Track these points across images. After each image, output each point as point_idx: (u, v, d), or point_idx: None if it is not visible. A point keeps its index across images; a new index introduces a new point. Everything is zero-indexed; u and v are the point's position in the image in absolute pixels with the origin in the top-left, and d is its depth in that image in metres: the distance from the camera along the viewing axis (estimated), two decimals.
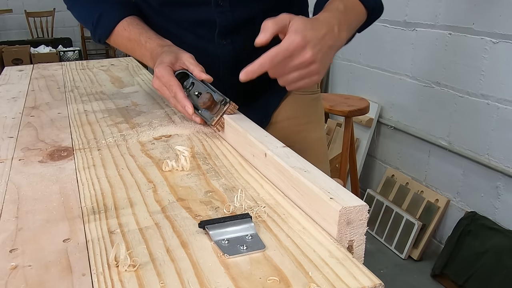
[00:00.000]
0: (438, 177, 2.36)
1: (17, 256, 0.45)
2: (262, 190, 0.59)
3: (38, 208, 0.55)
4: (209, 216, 0.52)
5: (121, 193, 0.58)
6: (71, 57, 5.96)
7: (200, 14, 0.92)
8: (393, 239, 2.45)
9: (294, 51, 0.71)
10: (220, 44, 0.94)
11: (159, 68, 0.83)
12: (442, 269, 2.17)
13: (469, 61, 2.09)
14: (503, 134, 1.99)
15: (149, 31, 0.95)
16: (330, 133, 2.93)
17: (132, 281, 0.41)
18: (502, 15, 1.91)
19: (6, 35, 6.57)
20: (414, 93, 2.45)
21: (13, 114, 0.94)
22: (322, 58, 0.74)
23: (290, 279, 0.41)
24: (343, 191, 0.50)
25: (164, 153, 0.72)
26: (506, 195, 2.01)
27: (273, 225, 0.50)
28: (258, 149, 0.64)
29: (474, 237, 2.07)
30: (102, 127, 0.85)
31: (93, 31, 0.99)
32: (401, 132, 2.58)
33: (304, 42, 0.71)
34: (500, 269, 1.92)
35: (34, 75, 1.33)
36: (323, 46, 0.73)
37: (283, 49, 0.71)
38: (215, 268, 0.43)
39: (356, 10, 0.85)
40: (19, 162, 0.69)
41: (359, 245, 0.48)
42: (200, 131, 0.82)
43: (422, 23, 2.32)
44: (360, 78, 2.86)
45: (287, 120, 1.04)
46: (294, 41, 0.71)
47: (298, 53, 0.72)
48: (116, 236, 0.48)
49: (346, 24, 0.79)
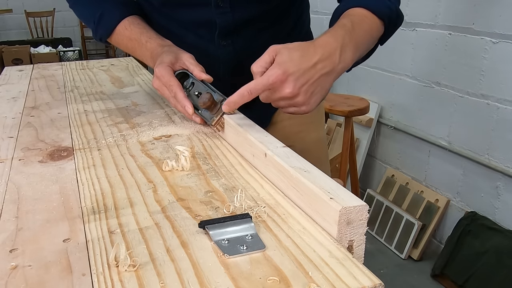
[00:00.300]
0: (438, 177, 2.36)
1: (17, 256, 0.45)
2: (262, 190, 0.59)
3: (38, 208, 0.55)
4: (209, 216, 0.52)
5: (121, 193, 0.58)
6: (71, 57, 5.96)
7: (201, 14, 0.92)
8: (393, 239, 2.45)
9: (273, 85, 0.70)
10: (220, 45, 0.94)
11: (159, 68, 0.83)
12: (442, 269, 2.17)
13: (469, 61, 2.09)
14: (503, 134, 1.99)
15: (150, 31, 0.95)
16: (330, 133, 2.93)
17: (132, 281, 0.41)
18: (502, 15, 1.91)
19: (6, 35, 6.57)
20: (414, 93, 2.45)
21: (13, 114, 0.94)
22: (308, 89, 0.71)
23: (290, 279, 0.41)
24: (343, 191, 0.50)
25: (164, 153, 0.72)
26: (506, 195, 2.01)
27: (273, 225, 0.50)
28: (258, 149, 0.64)
29: (474, 237, 2.07)
30: (102, 127, 0.85)
31: (94, 30, 0.99)
32: (401, 132, 2.58)
33: (284, 76, 0.69)
34: (500, 269, 1.92)
35: (34, 75, 1.33)
36: (312, 76, 0.71)
37: (262, 83, 0.70)
38: (215, 268, 0.43)
39: (367, 24, 0.79)
40: (19, 162, 0.69)
41: (359, 245, 0.48)
42: (200, 131, 0.82)
43: (422, 23, 2.32)
44: (360, 78, 2.86)
45: (287, 120, 1.04)
46: (273, 75, 0.69)
47: (278, 87, 0.70)
48: (116, 236, 0.48)
49: (353, 43, 0.75)
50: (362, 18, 0.79)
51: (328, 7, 2.95)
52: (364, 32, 0.79)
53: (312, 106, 0.74)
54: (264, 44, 0.86)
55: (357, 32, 0.77)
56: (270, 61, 0.71)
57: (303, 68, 0.70)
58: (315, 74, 0.71)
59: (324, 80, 0.73)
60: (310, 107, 0.74)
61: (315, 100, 0.74)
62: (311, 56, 0.71)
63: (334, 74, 0.74)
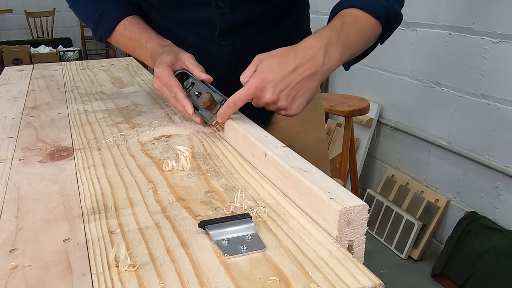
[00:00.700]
0: (438, 177, 2.36)
1: (17, 256, 0.45)
2: (262, 190, 0.59)
3: (38, 208, 0.55)
4: (209, 216, 0.52)
5: (121, 193, 0.58)
6: (71, 57, 5.96)
7: (200, 15, 0.92)
8: (393, 239, 2.45)
9: (254, 94, 0.73)
10: (220, 45, 0.94)
11: (159, 68, 0.83)
12: (442, 269, 2.17)
13: (469, 61, 2.09)
14: (503, 134, 1.99)
15: (150, 31, 0.95)
16: (330, 133, 2.93)
17: (132, 281, 0.41)
18: (502, 15, 1.91)
19: (6, 35, 6.57)
20: (414, 93, 2.45)
21: (13, 114, 0.94)
22: (289, 93, 0.73)
23: (290, 279, 0.41)
24: (343, 191, 0.50)
25: (164, 153, 0.72)
26: (506, 195, 2.01)
27: (273, 225, 0.50)
28: (258, 149, 0.64)
29: (474, 237, 2.07)
30: (102, 127, 0.85)
31: (94, 30, 0.99)
32: (401, 132, 2.58)
33: (262, 84, 0.72)
34: (500, 269, 1.92)
35: (34, 75, 1.33)
36: (292, 80, 0.73)
37: (243, 93, 0.74)
38: (215, 268, 0.43)
39: (360, 24, 0.79)
40: (19, 162, 0.69)
41: (359, 245, 0.48)
42: (200, 131, 0.82)
43: (422, 23, 2.32)
44: (360, 78, 2.86)
45: (287, 120, 1.04)
46: (253, 85, 0.73)
47: (259, 95, 0.73)
48: (116, 236, 0.48)
49: (341, 44, 0.76)
50: (356, 18, 0.80)
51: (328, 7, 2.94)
52: (357, 32, 0.79)
53: (297, 109, 0.76)
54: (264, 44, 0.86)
55: (347, 32, 0.77)
56: (254, 71, 0.75)
57: (281, 74, 0.72)
58: (295, 78, 0.73)
59: (306, 83, 0.74)
60: (295, 110, 0.75)
61: (299, 103, 0.75)
62: (290, 62, 0.73)
63: (318, 76, 0.75)
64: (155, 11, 0.98)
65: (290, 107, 0.75)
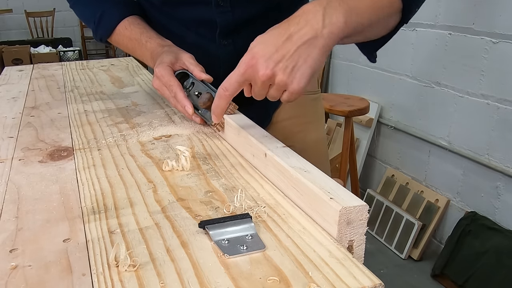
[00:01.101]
0: (438, 177, 2.36)
1: (17, 256, 0.45)
2: (262, 190, 0.59)
3: (38, 208, 0.55)
4: (209, 216, 0.52)
5: (121, 193, 0.58)
6: (71, 57, 5.96)
7: (201, 13, 0.92)
8: (393, 239, 2.45)
9: (246, 73, 0.65)
10: (221, 44, 0.94)
11: (159, 68, 0.83)
12: (442, 269, 2.17)
13: (469, 61, 2.09)
14: (503, 134, 1.99)
15: (150, 31, 0.95)
16: (330, 133, 2.93)
17: (132, 281, 0.41)
18: (502, 15, 1.91)
19: (6, 35, 6.57)
20: (414, 93, 2.45)
21: (13, 114, 0.94)
22: (287, 65, 0.63)
23: (290, 279, 0.41)
24: (343, 191, 0.50)
25: (164, 153, 0.72)
26: (506, 195, 2.01)
27: (273, 225, 0.50)
28: (258, 149, 0.64)
29: (474, 237, 2.07)
30: (102, 127, 0.85)
31: (94, 30, 0.99)
32: (401, 132, 2.58)
33: (253, 60, 0.64)
34: (500, 269, 1.92)
35: (34, 75, 1.33)
36: (288, 50, 0.63)
37: (234, 75, 0.66)
38: (215, 268, 0.43)
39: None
40: (19, 162, 0.69)
41: (359, 245, 0.48)
42: (200, 131, 0.82)
43: (422, 23, 2.33)
44: (360, 78, 2.86)
45: (287, 120, 1.04)
46: (242, 63, 0.65)
47: (252, 74, 0.65)
48: (116, 236, 0.48)
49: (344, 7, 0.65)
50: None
51: None
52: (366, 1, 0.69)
53: (299, 82, 0.64)
54: None
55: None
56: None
57: (274, 45, 0.64)
58: (291, 47, 0.63)
59: (306, 50, 0.63)
60: (297, 84, 0.64)
61: (301, 75, 0.64)
62: (283, 31, 0.64)
63: (319, 40, 0.64)
64: (156, 10, 0.98)
65: (291, 81, 0.64)
